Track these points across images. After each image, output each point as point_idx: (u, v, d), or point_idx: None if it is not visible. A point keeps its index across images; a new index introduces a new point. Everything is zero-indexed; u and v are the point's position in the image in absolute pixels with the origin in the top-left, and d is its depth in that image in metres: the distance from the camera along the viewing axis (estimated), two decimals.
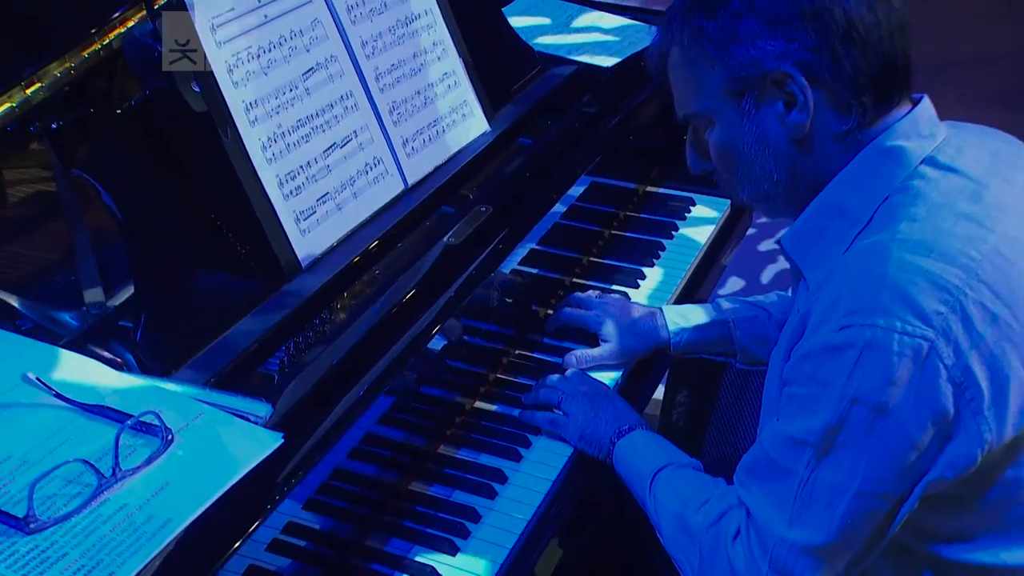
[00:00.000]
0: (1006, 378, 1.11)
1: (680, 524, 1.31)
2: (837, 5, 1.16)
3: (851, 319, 1.11)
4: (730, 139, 1.26)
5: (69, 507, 1.02)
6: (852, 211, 1.21)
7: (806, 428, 1.15)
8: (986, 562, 1.22)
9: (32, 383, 1.17)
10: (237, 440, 1.13)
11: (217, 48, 1.41)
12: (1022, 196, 1.23)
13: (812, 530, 1.16)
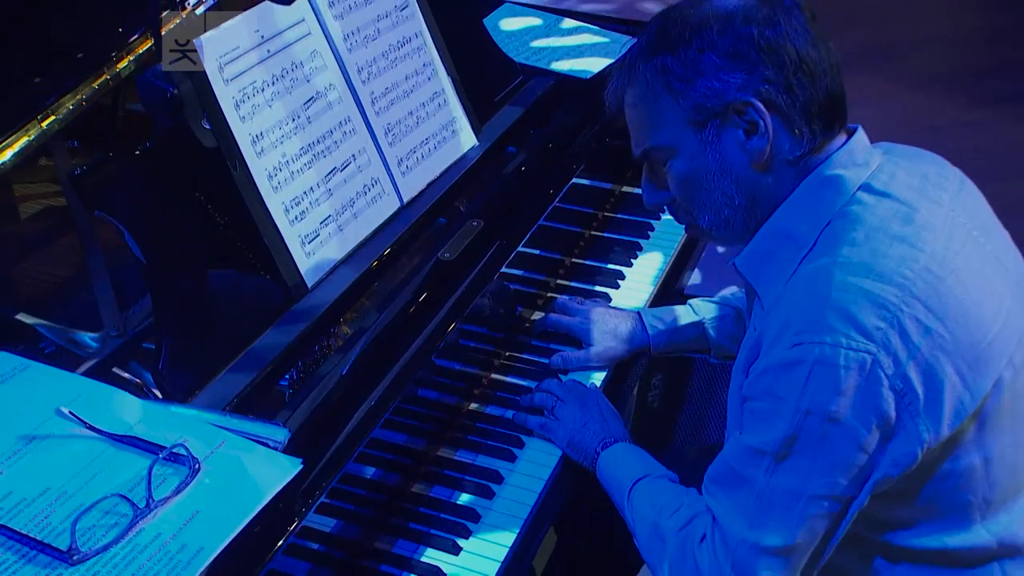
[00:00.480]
0: (941, 384, 1.16)
1: (653, 530, 1.36)
2: (788, 41, 1.22)
3: (801, 337, 1.16)
4: (693, 168, 1.30)
5: (108, 538, 1.06)
6: (798, 235, 1.26)
7: (764, 439, 1.20)
8: (930, 546, 1.28)
9: (65, 416, 1.19)
10: (259, 467, 1.16)
11: (225, 85, 1.42)
12: (948, 215, 1.28)
13: (771, 532, 1.21)
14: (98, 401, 1.23)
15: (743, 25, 1.22)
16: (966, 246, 1.26)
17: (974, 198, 1.38)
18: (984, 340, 1.20)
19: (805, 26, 1.24)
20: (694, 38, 1.24)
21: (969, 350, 1.18)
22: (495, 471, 1.53)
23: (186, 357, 1.34)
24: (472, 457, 1.57)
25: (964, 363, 1.17)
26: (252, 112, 1.46)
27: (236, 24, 1.45)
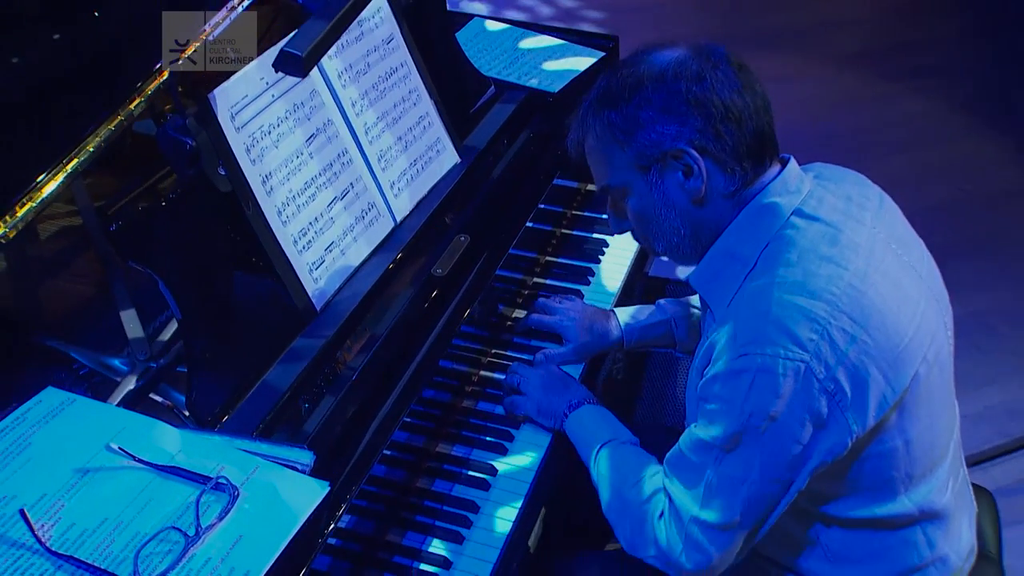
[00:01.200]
0: (866, 383, 1.26)
1: (617, 496, 1.47)
2: (715, 94, 1.30)
3: (747, 348, 1.25)
4: (643, 205, 1.39)
5: (164, 564, 1.11)
6: (741, 256, 1.35)
7: (714, 435, 1.30)
8: (862, 515, 1.40)
9: (114, 451, 1.24)
10: (291, 490, 1.21)
11: (236, 133, 1.45)
12: (870, 232, 1.37)
13: (718, 511, 1.32)
14: (141, 433, 1.28)
15: (673, 82, 1.30)
16: (885, 259, 1.35)
17: (892, 214, 1.47)
18: (902, 342, 1.29)
19: (732, 77, 1.32)
20: (633, 96, 1.33)
21: (889, 352, 1.28)
22: (489, 464, 1.61)
23: (214, 384, 1.39)
24: (467, 451, 1.65)
25: (885, 363, 1.27)
26: (261, 155, 1.49)
27: (244, 74, 1.48)
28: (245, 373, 1.43)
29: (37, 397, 1.32)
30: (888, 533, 1.41)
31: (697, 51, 1.34)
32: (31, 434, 1.27)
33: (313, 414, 1.41)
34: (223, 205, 1.45)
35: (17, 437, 1.26)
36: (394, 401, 1.47)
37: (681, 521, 1.34)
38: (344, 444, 1.37)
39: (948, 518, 1.43)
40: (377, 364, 1.49)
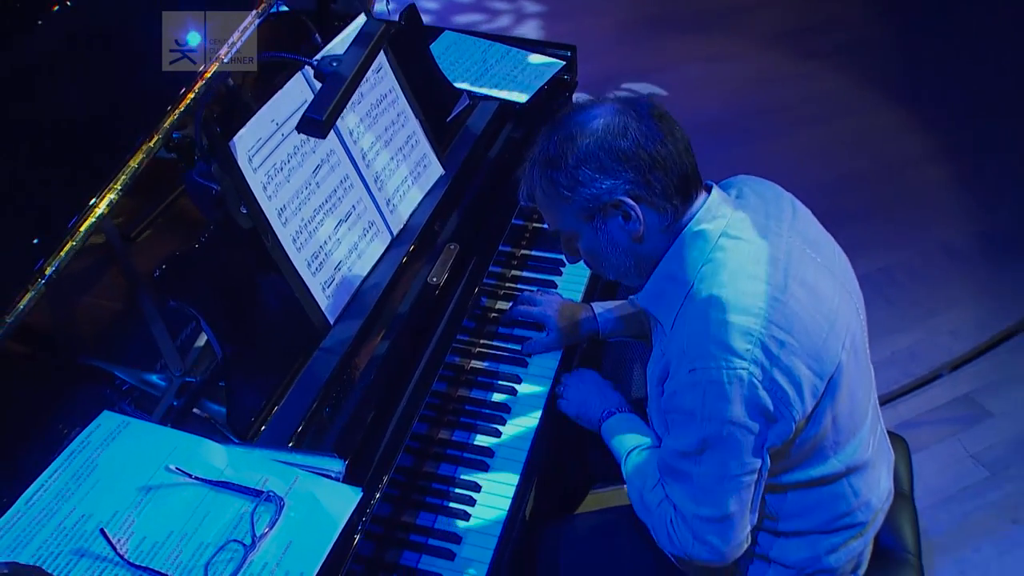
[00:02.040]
0: (798, 378, 1.36)
1: (640, 499, 1.56)
2: (641, 148, 1.36)
3: (695, 364, 1.34)
4: (591, 245, 1.47)
5: (228, 571, 1.20)
6: (681, 278, 1.41)
7: (685, 444, 1.40)
8: (801, 479, 1.51)
9: (172, 471, 1.30)
10: (329, 497, 1.30)
11: (254, 173, 1.49)
12: (788, 243, 1.44)
13: (712, 506, 1.42)
14: (192, 451, 1.34)
15: (604, 141, 1.36)
16: (802, 266, 1.42)
17: (805, 220, 1.54)
18: (822, 338, 1.38)
19: (654, 129, 1.37)
20: (570, 157, 1.38)
21: (812, 349, 1.37)
22: (487, 448, 1.70)
23: (249, 400, 1.45)
24: (467, 436, 1.73)
25: (811, 359, 1.37)
26: (276, 190, 1.53)
27: (258, 119, 1.51)
28: (273, 388, 1.49)
29: (96, 421, 1.37)
30: (820, 489, 1.53)
31: (622, 107, 1.39)
32: (96, 456, 1.33)
33: (335, 420, 1.48)
34: (246, 240, 1.49)
35: (85, 460, 1.32)
36: (407, 403, 1.53)
37: (686, 520, 1.44)
38: (367, 445, 1.43)
39: (869, 469, 1.56)
40: (388, 370, 1.56)
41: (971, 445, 2.76)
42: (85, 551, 1.21)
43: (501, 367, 1.85)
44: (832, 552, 1.56)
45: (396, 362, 1.58)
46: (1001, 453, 2.74)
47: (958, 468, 2.69)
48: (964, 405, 2.86)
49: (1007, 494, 2.64)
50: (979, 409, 2.86)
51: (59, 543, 1.22)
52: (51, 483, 1.29)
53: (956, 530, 2.53)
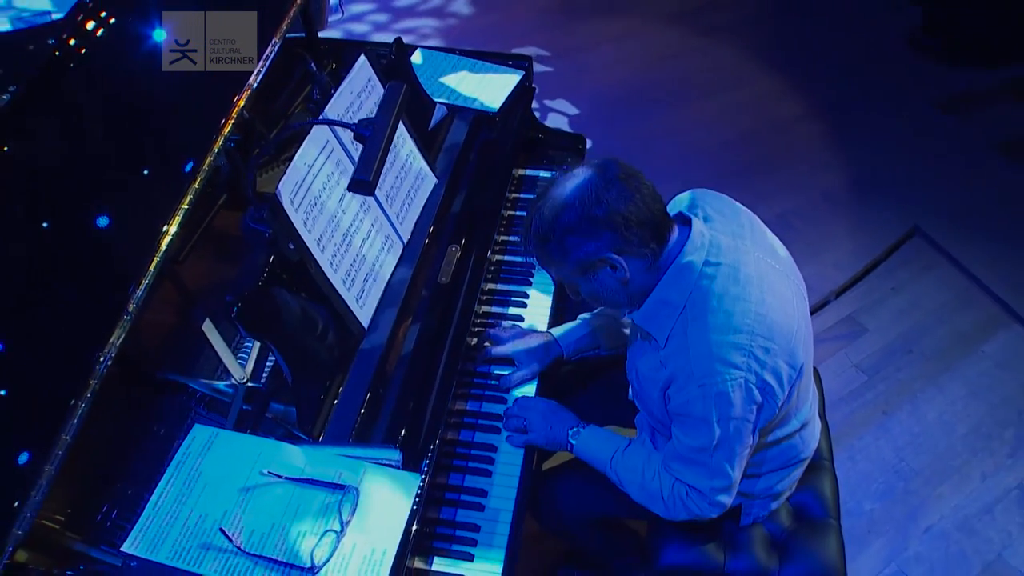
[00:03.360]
0: (780, 374, 1.49)
1: (643, 489, 1.63)
2: (615, 211, 1.39)
3: (703, 381, 1.43)
4: (589, 291, 1.52)
5: (328, 554, 1.30)
6: (673, 302, 1.48)
7: (703, 443, 1.50)
8: (769, 440, 1.65)
9: (265, 474, 1.38)
10: (395, 484, 1.40)
11: (296, 213, 1.54)
12: (754, 258, 1.50)
13: (724, 478, 1.54)
14: (275, 454, 1.42)
15: (582, 212, 1.39)
16: (767, 276, 1.50)
17: (760, 231, 1.60)
18: (793, 336, 1.50)
19: (623, 190, 1.39)
20: (556, 230, 1.42)
21: (787, 347, 1.49)
22: (498, 414, 1.77)
23: (312, 407, 1.53)
24: (478, 405, 1.81)
25: (787, 356, 1.49)
26: (313, 223, 1.58)
27: (294, 167, 1.55)
28: (328, 390, 1.56)
29: (191, 434, 1.44)
30: (781, 443, 1.69)
31: (593, 178, 1.40)
32: (199, 464, 1.40)
33: (383, 412, 1.57)
34: (295, 271, 1.54)
35: (190, 468, 1.39)
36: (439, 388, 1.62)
37: (703, 494, 1.56)
38: (412, 430, 1.54)
39: (812, 420, 1.74)
40: (419, 361, 1.65)
41: (854, 356, 3.00)
42: (209, 545, 1.29)
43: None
44: (781, 481, 1.75)
45: (425, 353, 1.66)
46: (875, 360, 2.99)
47: (845, 376, 2.94)
48: (847, 324, 3.09)
49: (879, 392, 2.90)
50: (859, 326, 3.09)
51: (187, 541, 1.30)
52: (168, 489, 1.36)
53: (845, 425, 2.78)
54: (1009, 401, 2.85)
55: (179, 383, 1.62)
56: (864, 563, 2.44)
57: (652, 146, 3.69)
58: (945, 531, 2.53)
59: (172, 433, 1.59)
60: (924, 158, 3.75)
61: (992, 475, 2.66)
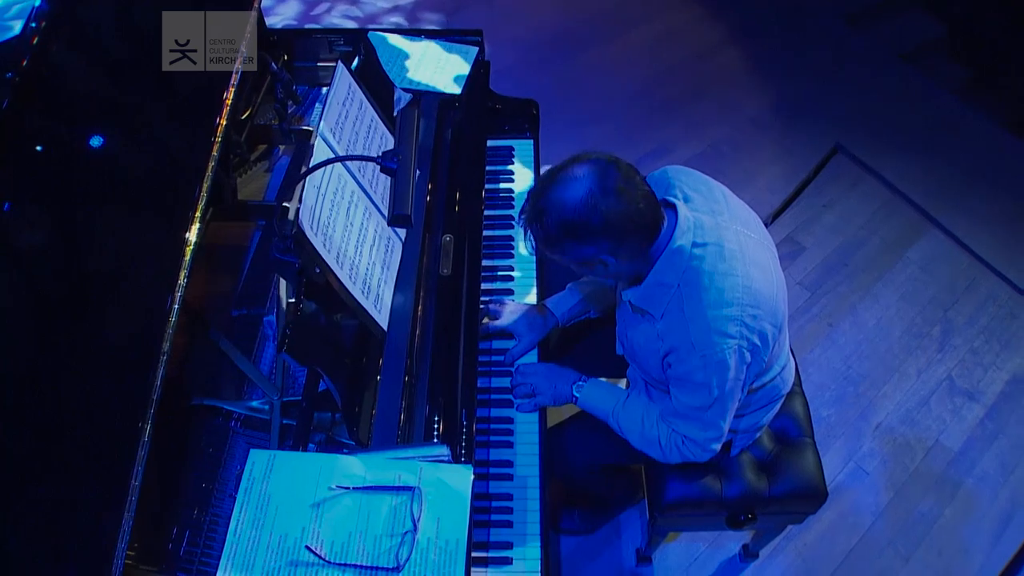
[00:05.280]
0: (765, 335, 1.66)
1: (643, 436, 1.81)
2: (611, 224, 1.49)
3: (703, 351, 1.59)
4: (583, 274, 1.68)
5: (404, 550, 1.45)
6: (666, 283, 1.62)
7: (702, 402, 1.68)
8: (755, 385, 1.85)
9: (333, 489, 1.50)
10: (452, 477, 1.53)
11: (316, 237, 1.61)
12: (734, 232, 1.63)
13: (717, 429, 1.73)
14: (335, 467, 1.53)
15: (579, 220, 1.48)
16: (747, 247, 1.63)
17: (733, 204, 1.71)
18: (773, 299, 1.64)
19: (620, 200, 1.48)
20: (554, 232, 1.52)
21: (770, 310, 1.63)
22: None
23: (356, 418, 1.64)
24: (487, 381, 1.96)
25: (771, 318, 1.65)
26: (330, 242, 1.66)
27: (307, 192, 1.60)
28: (366, 398, 1.68)
29: (250, 460, 1.53)
30: (765, 387, 1.90)
31: (593, 187, 1.47)
32: (265, 488, 1.50)
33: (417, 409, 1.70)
34: (322, 291, 1.63)
35: (259, 493, 1.50)
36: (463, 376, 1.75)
37: (697, 443, 1.76)
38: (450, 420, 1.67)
39: (788, 362, 1.97)
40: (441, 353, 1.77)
41: (796, 275, 3.27)
42: (297, 562, 1.42)
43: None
44: (764, 416, 1.98)
45: (444, 345, 1.78)
46: (816, 276, 3.28)
47: (791, 294, 3.21)
48: (787, 244, 3.35)
49: (823, 306, 3.20)
50: (797, 245, 3.36)
51: (275, 561, 1.42)
52: (244, 516, 1.47)
53: (796, 340, 3.07)
54: (935, 300, 3.20)
55: (216, 408, 1.70)
56: (827, 464, 2.74)
57: (585, 87, 3.80)
58: (891, 426, 2.87)
59: (217, 455, 1.69)
60: (838, 74, 3.99)
61: (925, 369, 3.02)
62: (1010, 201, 3.50)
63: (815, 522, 2.58)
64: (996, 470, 2.77)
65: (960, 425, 2.88)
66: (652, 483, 2.11)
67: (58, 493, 1.37)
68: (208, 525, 1.61)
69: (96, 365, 1.44)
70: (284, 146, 2.22)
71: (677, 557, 2.52)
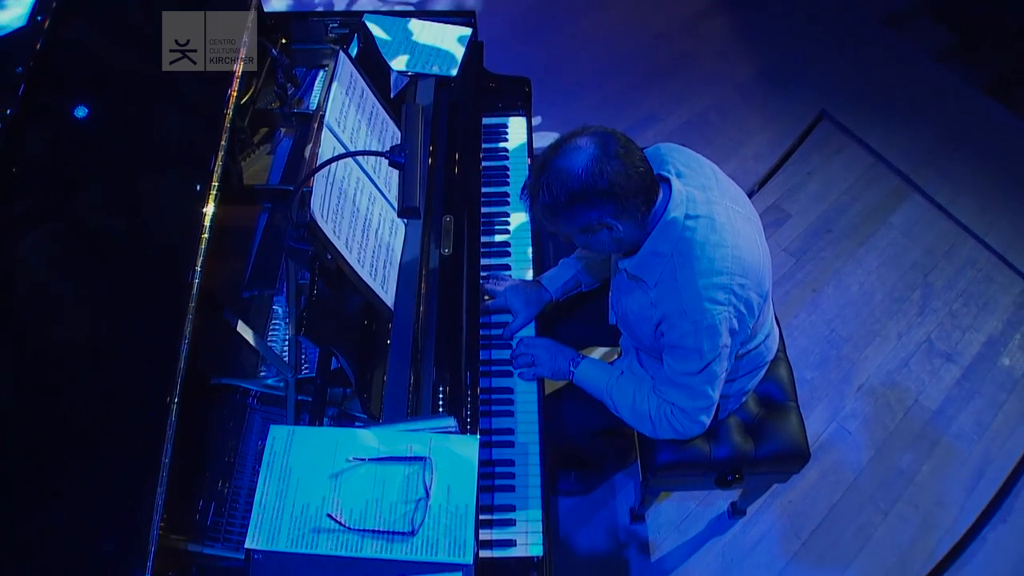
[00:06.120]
0: (751, 303, 1.77)
1: (635, 412, 1.92)
2: (615, 185, 1.60)
3: (694, 317, 1.70)
4: (583, 243, 1.75)
5: (418, 516, 1.58)
6: (661, 253, 1.72)
7: (692, 368, 1.78)
8: (741, 352, 1.97)
9: (349, 460, 1.62)
10: (459, 447, 1.65)
11: (326, 224, 1.71)
12: (723, 207, 1.73)
13: (706, 399, 1.84)
14: (351, 440, 1.65)
15: (587, 185, 1.60)
16: (735, 220, 1.73)
17: (722, 180, 1.82)
18: (759, 269, 1.75)
19: (623, 165, 1.59)
20: (562, 198, 1.62)
21: (757, 281, 1.75)
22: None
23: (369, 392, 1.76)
24: (487, 353, 2.08)
25: (756, 286, 1.76)
26: (338, 229, 1.76)
27: (318, 181, 1.70)
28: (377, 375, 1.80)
29: (271, 435, 1.64)
30: (750, 354, 2.03)
31: (596, 153, 1.58)
32: (286, 461, 1.62)
33: (425, 383, 1.82)
34: (335, 276, 1.73)
35: (281, 466, 1.61)
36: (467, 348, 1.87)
37: (687, 413, 1.88)
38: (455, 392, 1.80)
39: (772, 330, 2.10)
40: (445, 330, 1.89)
41: (782, 242, 3.40)
42: (320, 529, 1.54)
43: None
44: (750, 381, 2.12)
45: (448, 323, 1.90)
46: (800, 243, 3.41)
47: (776, 261, 3.33)
48: (773, 212, 3.47)
49: (807, 272, 3.33)
50: (783, 213, 3.48)
51: (299, 528, 1.55)
52: (267, 488, 1.59)
53: (781, 306, 3.21)
54: (916, 265, 3.34)
55: (235, 387, 1.82)
56: (811, 425, 2.91)
57: (573, 57, 3.87)
58: (873, 387, 3.03)
59: (237, 430, 1.81)
60: (823, 41, 4.07)
61: (906, 332, 3.16)
62: (991, 166, 3.63)
63: (800, 480, 2.74)
64: (971, 428, 2.94)
65: (938, 385, 3.03)
66: (644, 446, 2.25)
67: (100, 471, 1.49)
68: (231, 496, 1.74)
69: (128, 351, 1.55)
70: (285, 128, 2.31)
71: (669, 515, 2.68)
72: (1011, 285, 3.29)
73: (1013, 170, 3.61)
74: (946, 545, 2.67)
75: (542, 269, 2.25)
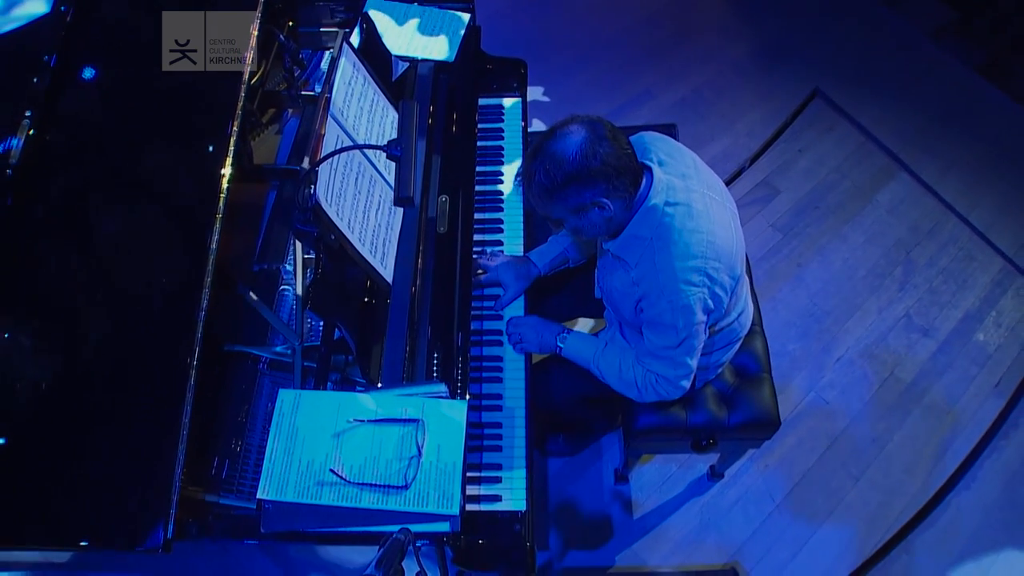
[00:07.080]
0: (724, 285, 1.95)
1: (621, 378, 2.09)
2: (607, 165, 1.74)
3: (671, 297, 1.86)
4: (574, 226, 1.91)
5: (411, 471, 1.79)
6: (642, 236, 1.87)
7: (670, 342, 1.96)
8: (715, 329, 2.16)
9: (350, 422, 1.83)
10: (449, 411, 1.86)
11: (330, 207, 1.89)
12: (700, 194, 1.88)
13: (686, 367, 2.02)
14: (351, 403, 1.86)
15: (581, 165, 1.74)
16: (711, 208, 1.89)
17: (701, 169, 1.96)
18: (732, 254, 1.91)
19: (612, 147, 1.74)
20: (559, 179, 1.76)
21: (729, 264, 1.95)
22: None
23: (368, 359, 1.96)
24: (479, 324, 2.29)
25: (729, 270, 1.95)
26: (341, 210, 1.94)
27: (323, 170, 1.87)
28: (375, 342, 2.00)
29: (279, 398, 1.86)
30: (724, 330, 2.21)
31: (588, 135, 1.72)
32: (294, 421, 1.83)
33: (420, 352, 2.02)
34: (338, 254, 1.92)
35: (289, 425, 1.83)
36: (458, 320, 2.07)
37: (669, 380, 2.06)
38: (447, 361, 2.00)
39: (746, 307, 2.29)
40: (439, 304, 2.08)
41: (770, 217, 3.56)
42: (323, 482, 1.76)
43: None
44: (725, 355, 2.32)
45: (441, 298, 2.09)
46: (788, 219, 3.57)
47: (763, 236, 3.51)
48: (763, 188, 3.63)
49: (793, 247, 3.50)
50: (772, 189, 3.64)
51: (305, 481, 1.76)
52: (276, 445, 1.80)
53: (766, 280, 3.39)
54: (899, 243, 3.51)
55: (244, 353, 2.02)
56: (791, 394, 3.12)
57: (568, 34, 4.00)
58: (851, 359, 3.22)
59: (248, 393, 2.02)
60: (819, 18, 4.19)
61: (886, 307, 3.35)
62: (979, 145, 3.77)
63: (776, 445, 2.95)
64: (942, 400, 3.13)
65: (914, 359, 3.22)
66: (626, 411, 2.46)
67: (128, 430, 1.70)
68: (243, 453, 1.95)
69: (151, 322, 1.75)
70: (292, 109, 2.48)
71: (651, 476, 2.90)
72: (990, 264, 3.46)
73: (1001, 150, 3.75)
74: (912, 509, 2.89)
75: (533, 244, 2.43)
